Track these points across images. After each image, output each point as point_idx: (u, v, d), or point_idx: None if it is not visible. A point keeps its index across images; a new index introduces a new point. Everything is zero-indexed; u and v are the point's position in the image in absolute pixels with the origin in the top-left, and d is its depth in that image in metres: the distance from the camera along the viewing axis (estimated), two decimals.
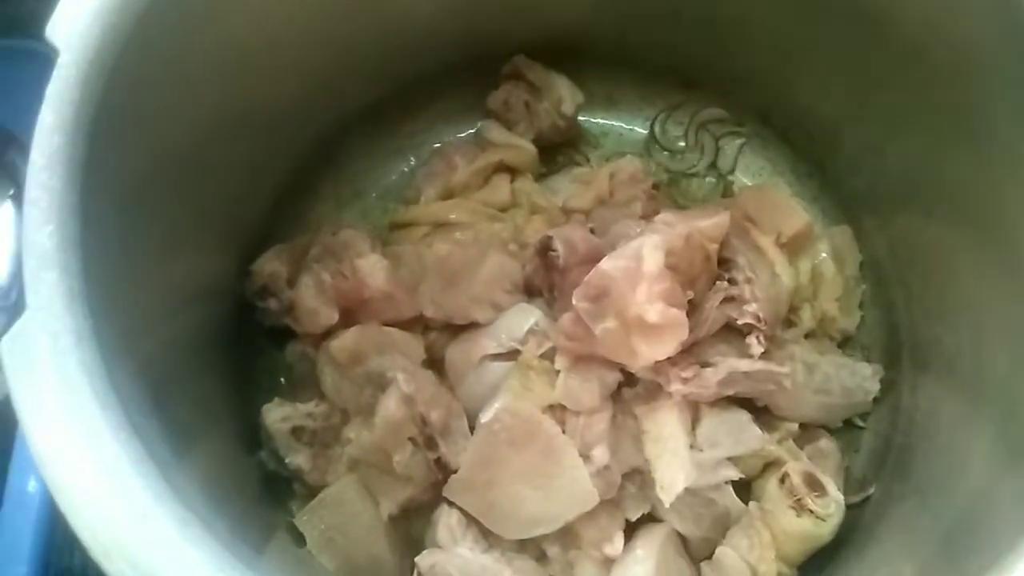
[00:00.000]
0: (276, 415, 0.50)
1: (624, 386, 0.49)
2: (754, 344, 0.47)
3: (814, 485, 0.47)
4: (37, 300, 0.31)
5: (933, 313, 0.53)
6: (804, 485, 0.47)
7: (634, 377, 0.48)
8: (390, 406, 0.46)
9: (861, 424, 0.56)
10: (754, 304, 0.47)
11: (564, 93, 0.60)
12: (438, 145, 0.64)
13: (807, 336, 0.54)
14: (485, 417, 0.47)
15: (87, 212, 0.34)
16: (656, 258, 0.44)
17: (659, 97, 0.65)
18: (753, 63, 0.60)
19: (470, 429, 0.49)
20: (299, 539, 0.48)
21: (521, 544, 0.48)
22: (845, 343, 0.58)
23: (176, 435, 0.38)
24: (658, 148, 0.65)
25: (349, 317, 0.52)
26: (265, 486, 0.52)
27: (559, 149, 0.64)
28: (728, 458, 0.48)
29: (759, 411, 0.51)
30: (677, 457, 0.46)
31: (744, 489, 0.50)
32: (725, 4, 0.56)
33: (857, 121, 0.56)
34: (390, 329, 0.52)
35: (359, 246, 0.53)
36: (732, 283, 0.49)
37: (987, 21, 0.41)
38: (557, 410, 0.48)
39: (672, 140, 0.65)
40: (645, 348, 0.43)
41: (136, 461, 0.29)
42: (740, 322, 0.48)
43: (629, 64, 0.64)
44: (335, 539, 0.48)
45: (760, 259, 0.50)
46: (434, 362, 0.53)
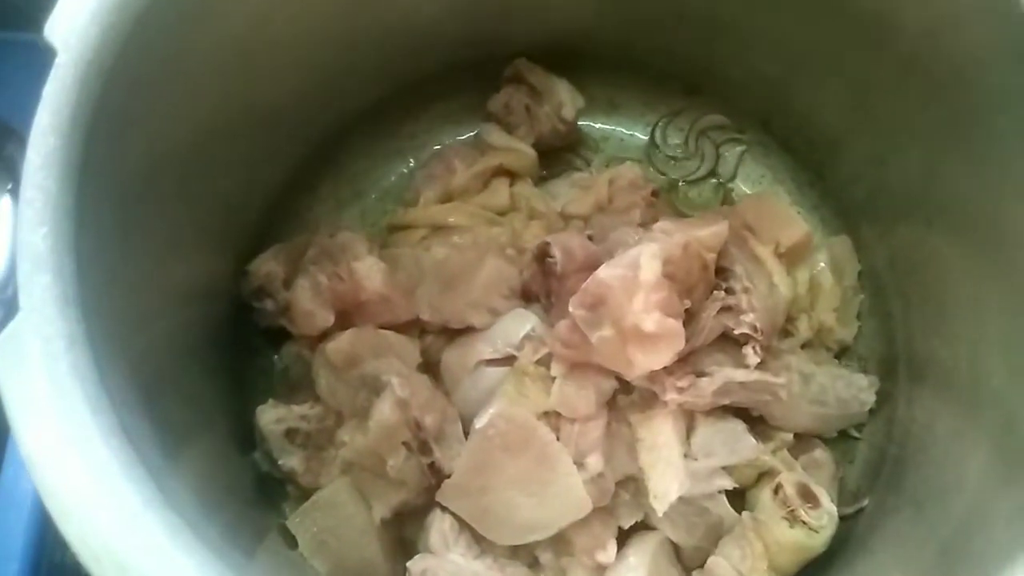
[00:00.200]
0: (270, 417, 0.50)
1: (619, 393, 0.49)
2: (750, 354, 0.47)
3: (807, 496, 0.47)
4: (30, 302, 0.31)
5: (931, 325, 0.53)
6: (797, 496, 0.47)
7: (630, 384, 0.48)
8: (384, 410, 0.46)
9: (856, 435, 0.56)
10: (751, 314, 0.47)
11: (565, 97, 0.60)
12: (438, 147, 0.63)
13: (804, 346, 0.54)
14: (480, 422, 0.47)
15: (83, 213, 0.34)
16: (653, 267, 0.43)
17: (660, 103, 0.65)
18: (755, 70, 0.60)
19: (465, 434, 0.49)
20: (291, 541, 0.48)
21: (514, 550, 0.48)
22: (842, 353, 0.58)
23: (168, 436, 0.38)
24: (659, 154, 0.65)
25: (345, 319, 0.52)
26: (259, 487, 0.52)
27: (559, 153, 0.63)
28: (722, 467, 0.48)
29: (754, 420, 0.51)
30: (671, 466, 0.46)
31: (738, 498, 0.50)
32: (727, 9, 0.55)
33: (858, 130, 0.56)
34: (386, 332, 0.52)
35: (356, 248, 0.53)
36: (729, 292, 0.48)
37: (988, 33, 0.41)
38: (552, 417, 0.48)
39: (673, 146, 0.65)
40: (641, 358, 0.43)
41: (126, 465, 0.29)
42: (737, 332, 0.48)
43: (631, 69, 0.64)
44: (327, 542, 0.48)
45: (758, 269, 0.49)
46: (430, 366, 0.53)
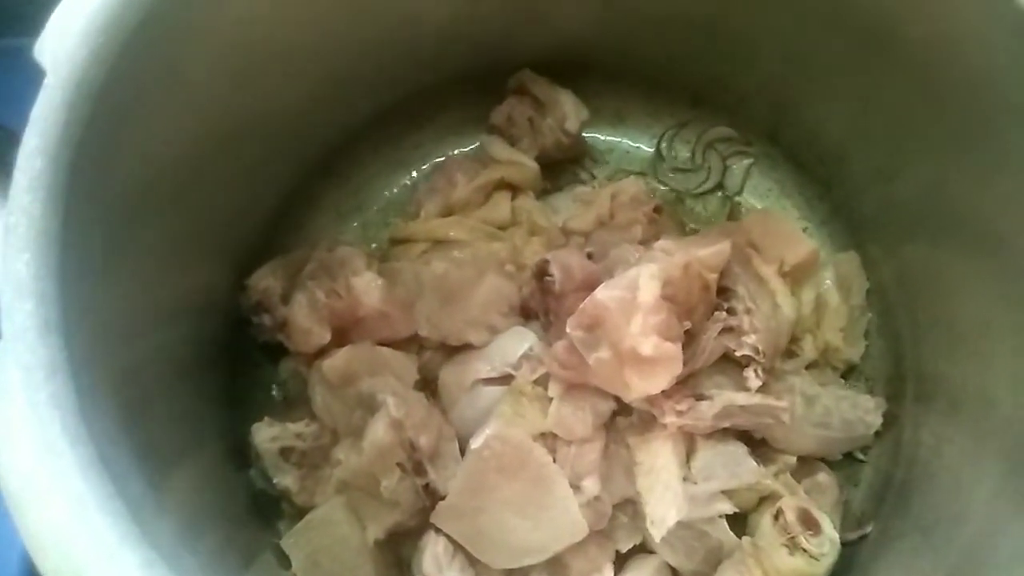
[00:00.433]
0: (265, 435, 0.49)
1: (618, 415, 0.48)
2: (752, 377, 0.46)
3: (809, 523, 0.46)
4: (12, 330, 0.31)
5: (939, 346, 0.52)
6: (799, 523, 0.46)
7: (628, 406, 0.47)
8: (378, 431, 0.46)
9: (861, 458, 0.54)
10: (753, 336, 0.46)
11: (569, 109, 0.59)
12: (440, 159, 0.63)
13: (809, 366, 0.53)
14: (475, 443, 0.47)
15: (69, 236, 0.33)
16: (652, 289, 0.43)
17: (667, 114, 0.64)
18: (761, 82, 0.59)
19: (461, 453, 0.49)
20: (284, 561, 0.48)
21: (508, 574, 0.47)
22: (849, 373, 0.56)
23: (154, 461, 0.37)
24: (664, 166, 0.64)
25: (343, 335, 0.52)
26: (254, 503, 0.52)
27: (563, 165, 0.63)
28: (723, 491, 0.47)
29: (756, 443, 0.50)
30: (669, 490, 0.45)
31: (739, 521, 0.49)
32: (734, 21, 0.54)
33: (866, 144, 0.55)
34: (383, 349, 0.51)
35: (355, 263, 0.52)
36: (731, 313, 0.47)
37: (999, 47, 0.40)
38: (549, 438, 0.47)
39: (679, 159, 0.64)
40: (638, 381, 0.43)
41: (103, 499, 0.29)
42: (738, 354, 0.47)
43: (637, 80, 0.63)
44: (321, 563, 0.47)
45: (761, 289, 0.48)
46: (428, 382, 0.53)
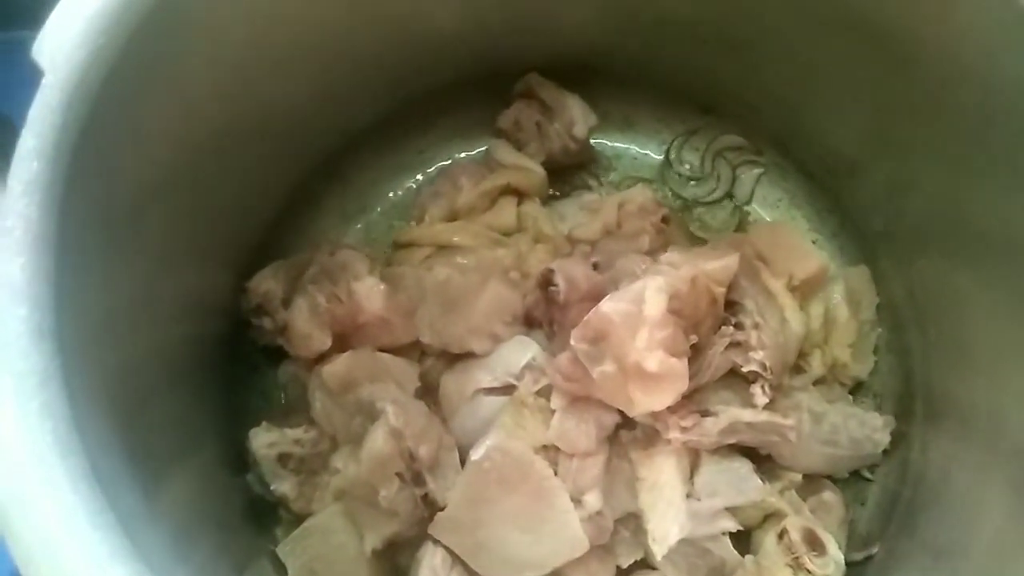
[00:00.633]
0: (263, 440, 0.49)
1: (622, 428, 0.47)
2: (758, 394, 0.46)
3: (814, 543, 0.46)
4: (5, 336, 0.30)
5: (950, 363, 0.51)
6: (803, 543, 0.45)
7: (632, 419, 0.46)
8: (377, 440, 0.45)
9: (869, 476, 0.54)
10: (761, 352, 0.45)
11: (577, 115, 0.58)
12: (446, 163, 0.62)
13: (816, 382, 0.52)
14: (476, 454, 0.46)
15: (65, 242, 0.33)
16: (659, 303, 0.42)
17: (677, 121, 0.63)
18: (772, 90, 0.58)
19: (462, 463, 0.48)
20: (280, 568, 0.47)
21: None
22: (857, 389, 0.56)
23: (150, 466, 0.37)
24: (673, 174, 0.63)
25: (344, 341, 0.51)
26: (250, 508, 0.51)
27: (570, 170, 0.62)
28: (727, 508, 0.46)
29: (762, 458, 0.49)
30: (672, 507, 0.45)
31: (743, 538, 0.49)
32: (744, 29, 0.53)
33: (878, 156, 0.54)
34: (384, 355, 0.50)
35: (357, 268, 0.52)
36: (739, 327, 0.47)
37: (1016, 62, 0.39)
38: (550, 450, 0.46)
39: (688, 166, 0.63)
40: (642, 397, 0.42)
41: (94, 512, 0.28)
42: (745, 369, 0.46)
43: (646, 85, 0.62)
44: (317, 571, 0.47)
45: (770, 303, 0.48)
46: (430, 389, 0.52)
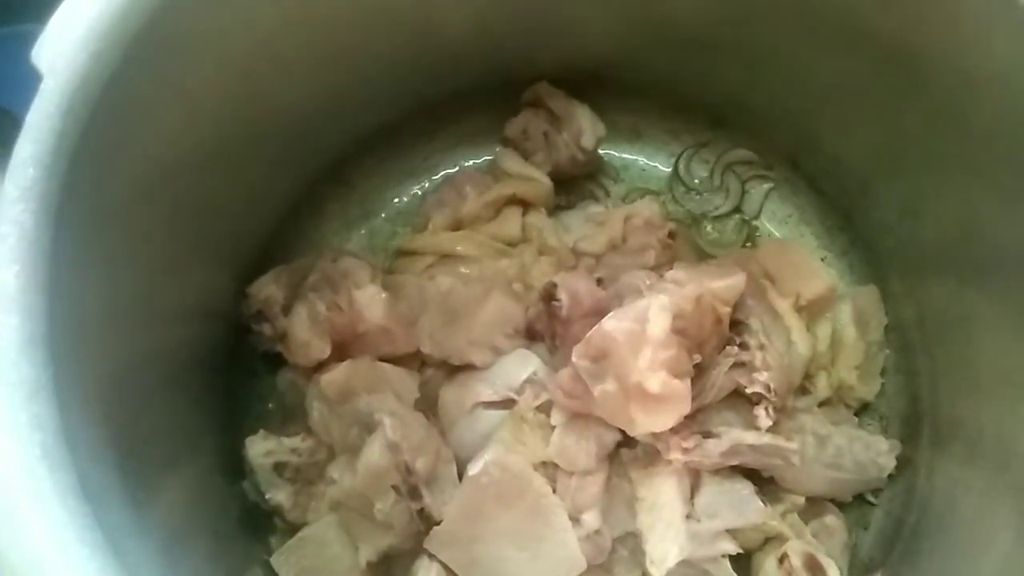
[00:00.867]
0: (259, 449, 0.48)
1: (622, 446, 0.47)
2: (762, 416, 0.45)
3: (814, 569, 0.45)
4: None
5: (958, 388, 0.50)
6: (804, 569, 0.45)
7: (633, 438, 0.46)
8: (374, 453, 0.44)
9: (873, 500, 0.53)
10: (765, 373, 0.45)
11: (585, 125, 0.58)
12: (451, 171, 0.62)
13: (821, 403, 0.51)
14: (473, 469, 0.45)
15: (60, 249, 0.32)
16: (662, 322, 0.41)
17: (686, 133, 0.62)
18: (784, 105, 0.57)
19: (459, 476, 0.47)
20: None
21: None
22: (863, 411, 0.55)
23: (142, 475, 0.36)
24: (681, 187, 0.62)
25: (344, 349, 0.50)
26: (246, 515, 0.51)
27: (577, 181, 0.61)
28: (727, 530, 0.46)
29: (764, 480, 0.48)
30: (671, 528, 0.44)
31: (743, 561, 0.48)
32: (756, 43, 0.52)
33: (890, 175, 0.53)
34: (383, 365, 0.50)
35: (358, 276, 0.51)
36: (744, 348, 0.46)
37: None
38: (549, 467, 0.46)
39: (697, 179, 0.62)
40: (643, 418, 0.41)
41: (82, 529, 0.28)
42: (749, 391, 0.45)
43: (656, 97, 0.61)
44: None
45: (776, 324, 0.47)
46: (430, 399, 0.51)
